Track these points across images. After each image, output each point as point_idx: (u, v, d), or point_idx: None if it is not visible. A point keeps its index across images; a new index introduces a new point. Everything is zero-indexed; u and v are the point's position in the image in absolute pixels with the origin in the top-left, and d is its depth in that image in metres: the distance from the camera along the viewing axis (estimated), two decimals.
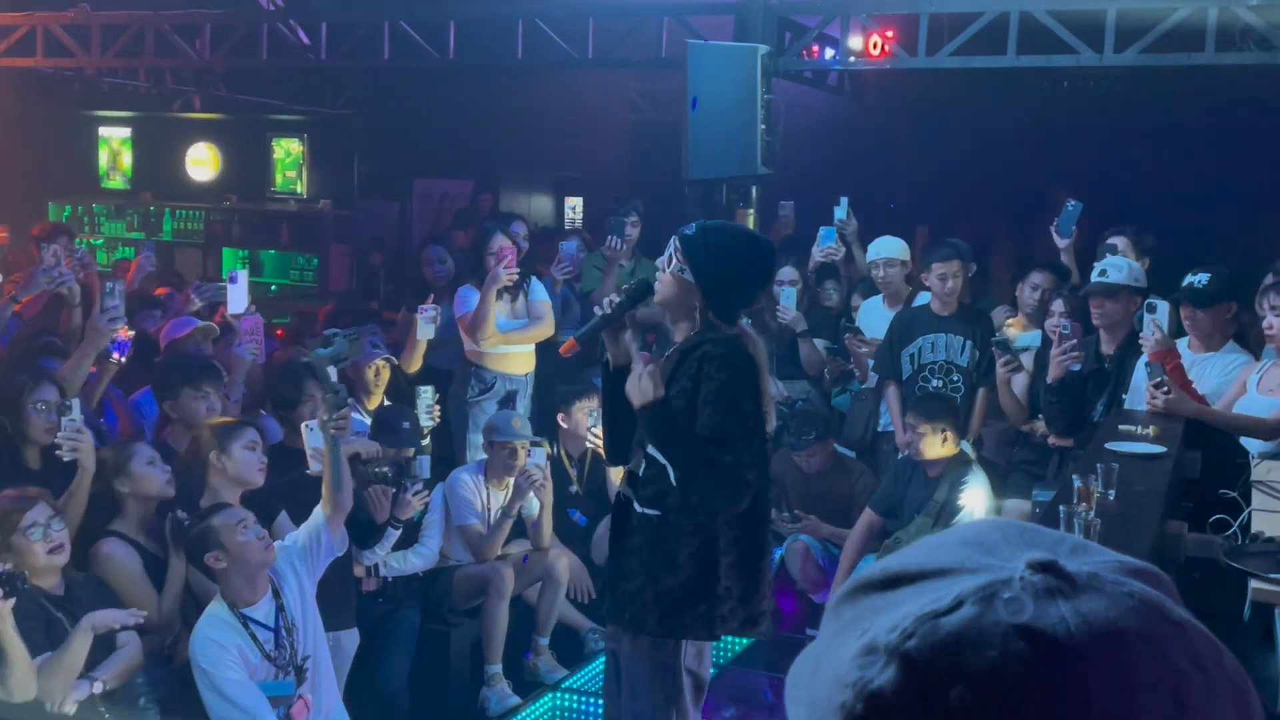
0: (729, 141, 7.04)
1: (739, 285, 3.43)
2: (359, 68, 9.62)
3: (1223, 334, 5.04)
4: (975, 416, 5.94)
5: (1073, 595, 0.68)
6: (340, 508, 4.00)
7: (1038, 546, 0.72)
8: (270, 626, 3.75)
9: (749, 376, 3.35)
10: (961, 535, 0.76)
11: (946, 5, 7.41)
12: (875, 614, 0.72)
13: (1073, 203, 6.11)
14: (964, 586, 0.70)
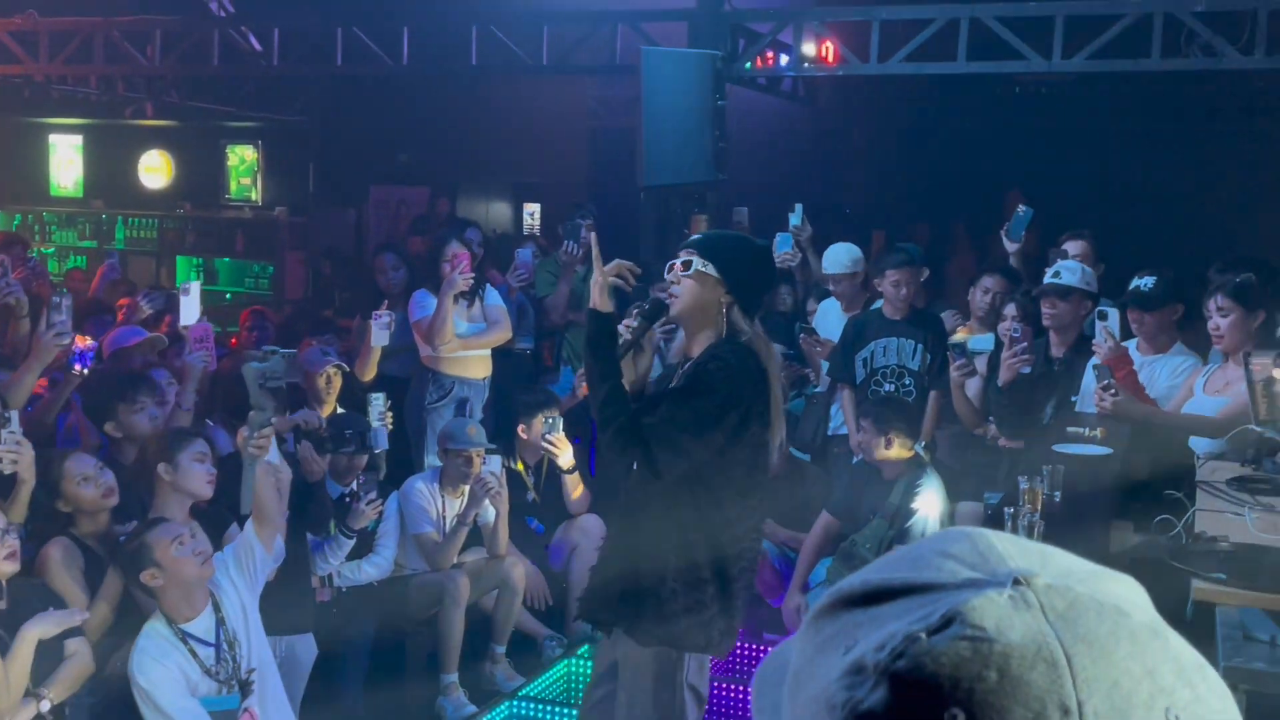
0: (683, 148, 7.06)
1: (758, 278, 3.45)
2: (313, 74, 9.54)
3: (1170, 336, 5.11)
4: (928, 419, 5.98)
5: (1060, 610, 0.67)
6: (268, 523, 3.93)
7: (1017, 558, 0.71)
8: (210, 642, 3.70)
9: (747, 384, 3.27)
10: (939, 547, 0.74)
11: (898, 13, 7.48)
12: (858, 630, 0.71)
13: (1023, 208, 6.18)
14: (951, 602, 0.68)
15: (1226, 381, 4.66)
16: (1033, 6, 6.98)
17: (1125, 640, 0.67)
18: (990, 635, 0.66)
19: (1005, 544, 0.73)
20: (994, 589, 0.68)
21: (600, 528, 5.97)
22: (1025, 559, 0.71)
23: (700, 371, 3.30)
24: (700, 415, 3.21)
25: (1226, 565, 2.83)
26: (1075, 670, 0.65)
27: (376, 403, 5.60)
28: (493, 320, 6.36)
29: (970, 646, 0.66)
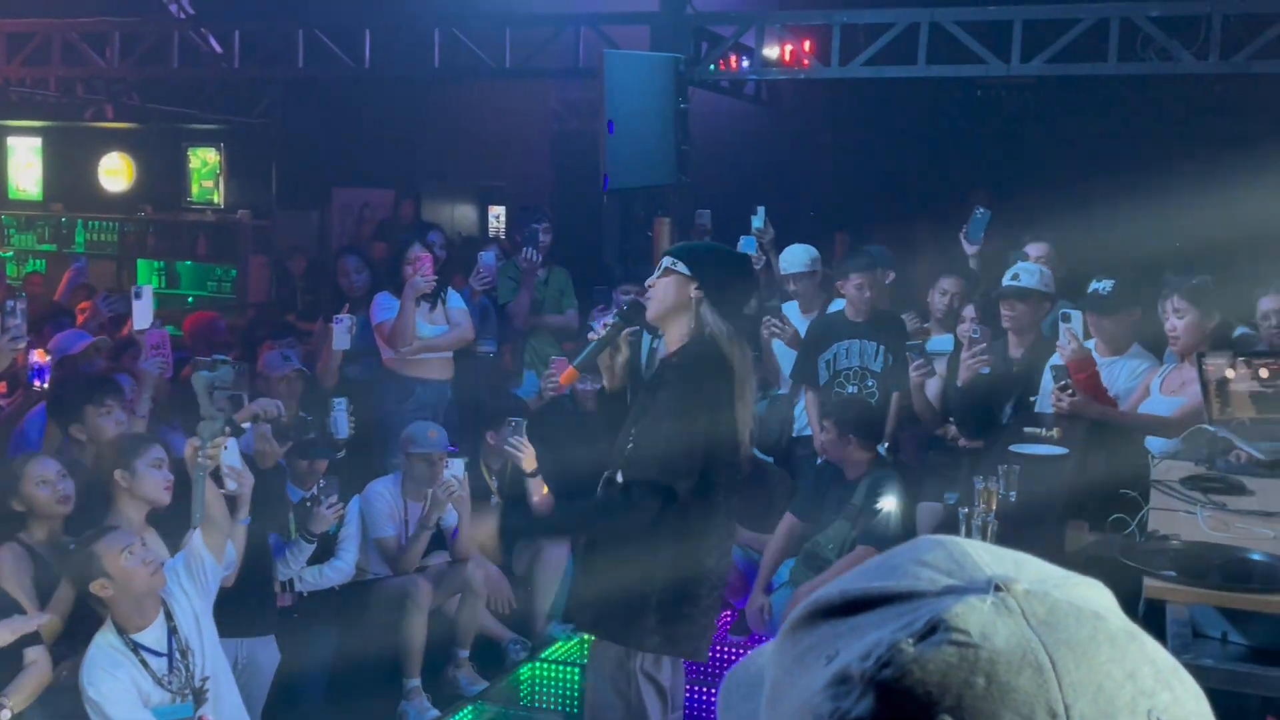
0: (646, 151, 7.07)
1: (730, 275, 3.58)
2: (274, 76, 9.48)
3: (1128, 338, 5.17)
4: (889, 421, 6.02)
5: (1041, 616, 0.67)
6: (215, 531, 3.91)
7: (993, 565, 0.71)
8: (162, 652, 3.66)
9: (709, 385, 3.42)
10: (915, 555, 0.74)
11: (858, 17, 7.52)
12: (839, 640, 0.70)
13: (981, 210, 6.24)
14: (934, 610, 0.68)
15: (1182, 381, 4.72)
16: (992, 11, 7.05)
17: (1106, 644, 0.67)
18: (976, 641, 0.66)
19: (980, 551, 0.73)
20: (975, 595, 0.68)
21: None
22: (1001, 566, 0.71)
23: (659, 383, 3.50)
24: (675, 436, 3.38)
25: (1177, 563, 2.86)
26: (1060, 674, 0.65)
27: (340, 406, 5.58)
28: (455, 323, 6.35)
29: (957, 653, 0.66)
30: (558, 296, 7.09)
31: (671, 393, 3.48)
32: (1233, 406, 4.22)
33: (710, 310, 3.47)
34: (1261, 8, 6.60)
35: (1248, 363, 4.28)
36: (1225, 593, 2.78)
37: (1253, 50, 6.59)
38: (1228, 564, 2.87)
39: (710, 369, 3.45)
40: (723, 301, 3.51)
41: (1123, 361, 5.13)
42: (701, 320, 3.48)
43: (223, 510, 3.95)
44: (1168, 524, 3.36)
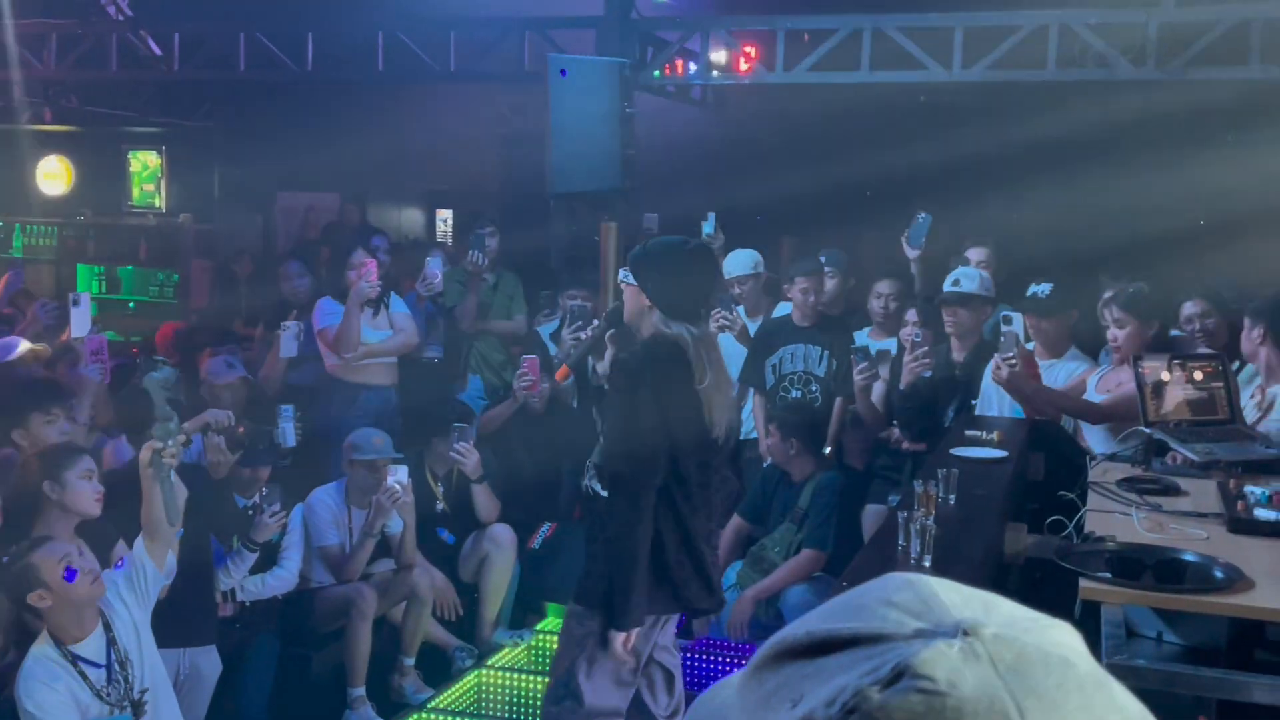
0: (591, 156, 7.07)
1: (671, 281, 3.64)
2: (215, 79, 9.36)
3: (1066, 341, 5.25)
4: (832, 425, 6.06)
5: (1009, 662, 0.66)
6: (160, 537, 3.85)
7: (961, 607, 0.69)
8: (101, 663, 3.61)
9: (649, 376, 3.56)
10: (882, 595, 0.72)
11: (802, 23, 7.57)
12: (805, 682, 0.69)
13: (922, 215, 6.29)
14: (901, 655, 0.66)
15: (1119, 382, 4.80)
16: (934, 18, 7.12)
17: (1074, 692, 0.66)
18: (943, 689, 0.64)
19: (949, 592, 0.72)
20: (943, 640, 0.67)
21: (510, 536, 5.95)
22: (969, 608, 0.70)
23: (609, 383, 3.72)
24: (629, 426, 3.54)
25: (1112, 564, 2.91)
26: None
27: (286, 413, 5.53)
28: (399, 328, 6.31)
29: (924, 700, 0.64)
30: (507, 302, 7.07)
31: (619, 390, 3.65)
32: (1168, 409, 4.30)
33: (661, 315, 3.60)
34: (1196, 17, 6.72)
35: (1183, 365, 4.36)
36: (1158, 593, 2.82)
37: (1188, 58, 6.71)
38: (1161, 565, 2.91)
39: (656, 363, 3.57)
40: (672, 303, 3.61)
41: (1061, 364, 5.21)
42: (655, 326, 3.61)
43: (176, 518, 3.92)
44: (1104, 525, 3.41)
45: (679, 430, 3.56)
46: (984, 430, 4.38)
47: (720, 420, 3.62)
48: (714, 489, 3.76)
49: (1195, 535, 3.32)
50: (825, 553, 5.52)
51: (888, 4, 7.36)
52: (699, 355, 3.58)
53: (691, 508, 3.64)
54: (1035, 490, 4.35)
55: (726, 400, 3.73)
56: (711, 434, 3.61)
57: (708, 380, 3.57)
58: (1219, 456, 4.02)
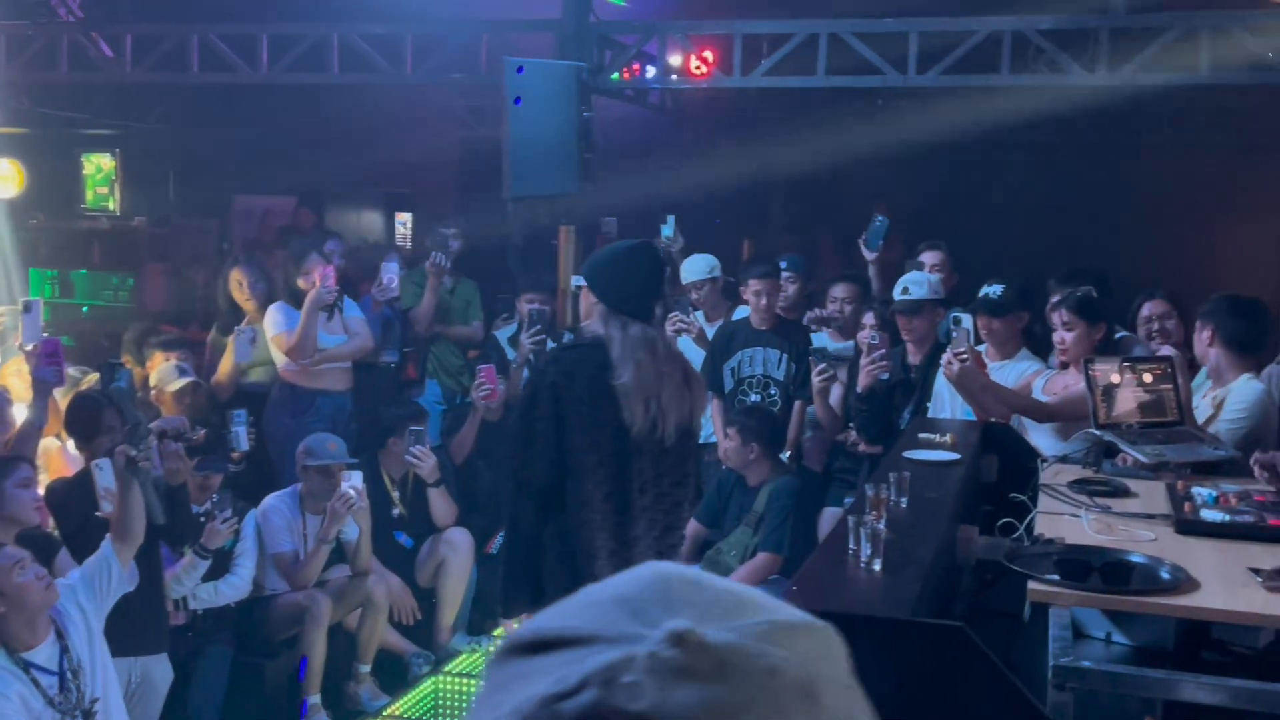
0: (549, 159, 7.05)
1: (616, 282, 3.73)
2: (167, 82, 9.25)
3: (1016, 342, 5.30)
4: (792, 429, 6.07)
5: (705, 675, 0.63)
6: (131, 541, 3.84)
7: (690, 606, 0.66)
8: (54, 670, 3.57)
9: (543, 388, 3.68)
10: (618, 591, 0.69)
11: (758, 27, 7.59)
12: (514, 683, 0.66)
13: (879, 218, 6.32)
14: (593, 663, 0.63)
15: (1065, 385, 4.84)
16: (888, 23, 7.16)
17: (764, 704, 0.63)
18: (621, 704, 0.61)
19: (689, 590, 0.68)
20: (642, 647, 0.63)
21: (468, 541, 5.93)
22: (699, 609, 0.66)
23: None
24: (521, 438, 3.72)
25: (1060, 566, 2.92)
26: None
27: (239, 418, 5.48)
28: (353, 332, 6.26)
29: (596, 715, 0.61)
30: (464, 307, 7.03)
31: (520, 401, 3.90)
32: (1119, 411, 4.34)
33: (608, 316, 3.69)
34: (1145, 23, 6.80)
35: (1133, 368, 4.40)
36: (1105, 595, 2.85)
37: (1138, 64, 6.78)
38: (1108, 566, 2.93)
39: (559, 364, 3.74)
40: (621, 305, 3.69)
41: (1012, 364, 5.25)
42: (594, 323, 3.72)
43: (143, 524, 3.92)
44: (1053, 527, 3.43)
45: (586, 432, 3.64)
46: (937, 433, 4.39)
47: (639, 415, 3.64)
48: (643, 491, 3.74)
49: (1143, 537, 3.35)
50: (781, 556, 5.54)
51: (844, 9, 7.39)
52: (625, 353, 3.63)
53: (586, 518, 3.66)
54: (988, 492, 4.37)
55: (669, 405, 3.71)
56: (631, 431, 3.64)
57: (626, 377, 3.61)
58: (1168, 458, 4.07)
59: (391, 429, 5.88)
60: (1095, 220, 10.60)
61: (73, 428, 4.91)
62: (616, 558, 3.70)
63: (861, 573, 2.71)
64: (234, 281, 6.40)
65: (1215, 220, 10.66)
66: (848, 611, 2.44)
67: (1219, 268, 9.84)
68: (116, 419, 4.79)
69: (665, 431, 3.73)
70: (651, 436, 3.71)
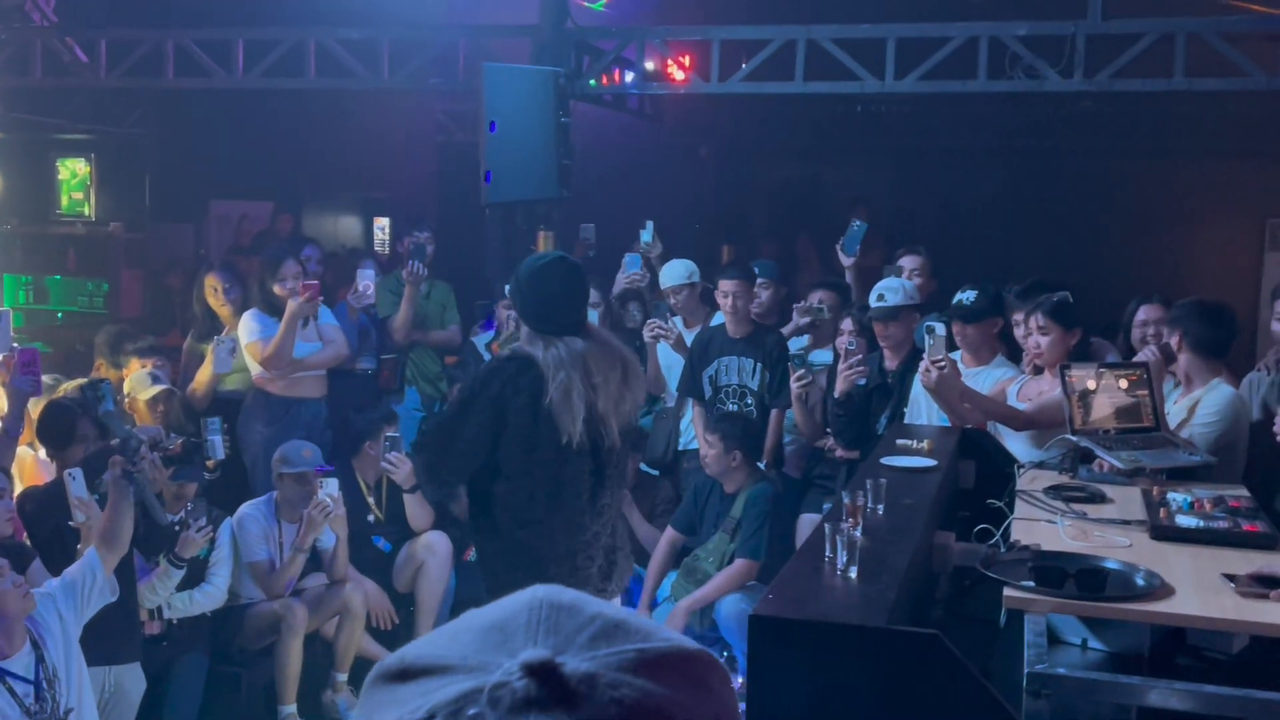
0: (527, 164, 7.04)
1: (537, 300, 3.81)
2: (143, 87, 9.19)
3: (991, 348, 5.31)
4: (770, 436, 6.06)
5: (550, 706, 0.61)
6: (117, 550, 3.84)
7: (556, 635, 0.65)
8: (29, 679, 3.53)
9: (483, 395, 3.77)
10: (492, 618, 0.69)
11: (736, 33, 7.59)
12: (378, 711, 0.65)
13: (857, 223, 6.32)
14: (443, 695, 0.63)
15: (1040, 391, 4.85)
16: (866, 29, 7.17)
17: None
18: None
19: (561, 618, 0.67)
20: (495, 676, 0.63)
21: (446, 544, 5.90)
22: (563, 638, 0.65)
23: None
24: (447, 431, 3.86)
25: (1036, 573, 2.93)
26: None
27: (214, 425, 5.45)
28: (328, 339, 6.22)
29: None
30: (440, 311, 6.99)
31: (455, 400, 4.19)
32: (1095, 417, 4.35)
33: (533, 336, 3.80)
34: (1121, 30, 6.84)
35: (1109, 374, 4.41)
36: (1080, 601, 2.85)
37: (1114, 69, 6.82)
38: (1084, 573, 2.94)
39: (496, 379, 3.79)
40: (541, 325, 3.78)
41: (986, 371, 5.26)
42: (531, 345, 3.81)
43: (128, 526, 3.93)
44: (1029, 534, 3.44)
45: (518, 444, 3.74)
46: (915, 439, 4.40)
47: (574, 431, 3.71)
48: (590, 493, 3.84)
49: (1119, 543, 3.36)
50: (758, 562, 5.53)
51: (822, 14, 7.40)
52: (551, 373, 3.70)
53: (527, 521, 3.79)
54: (965, 498, 4.38)
55: (608, 409, 3.80)
56: (562, 442, 3.71)
57: (555, 397, 3.68)
58: (1144, 464, 4.08)
59: (364, 433, 5.85)
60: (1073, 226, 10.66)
61: (45, 436, 4.86)
62: (567, 561, 3.81)
63: (838, 580, 2.71)
64: (209, 287, 6.36)
65: (1192, 225, 10.74)
66: (823, 619, 2.43)
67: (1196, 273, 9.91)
68: (90, 428, 4.76)
69: (610, 437, 3.84)
70: (594, 443, 3.80)
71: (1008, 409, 4.74)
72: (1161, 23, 6.76)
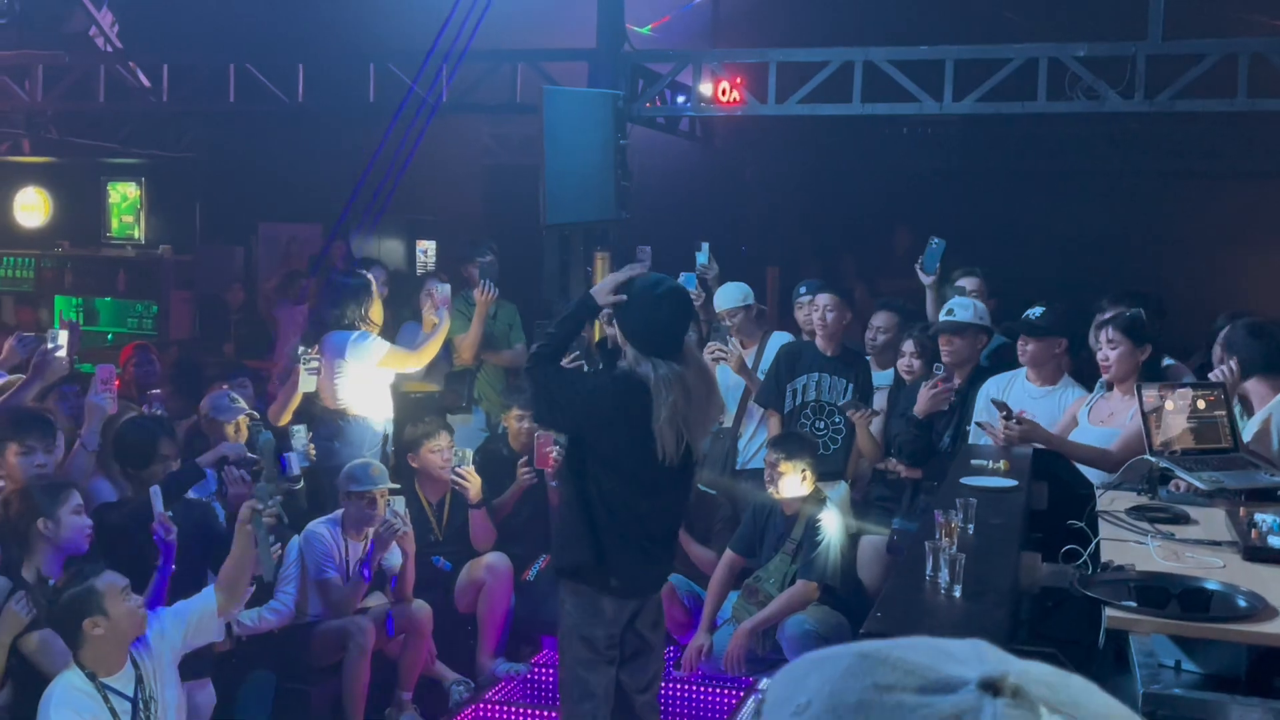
0: (585, 187, 7.08)
1: (646, 324, 3.97)
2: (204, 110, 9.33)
3: (1057, 368, 5.29)
4: (853, 460, 6.06)
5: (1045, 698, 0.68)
6: (236, 595, 3.93)
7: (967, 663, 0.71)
8: (129, 696, 3.57)
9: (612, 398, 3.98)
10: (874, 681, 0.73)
11: (794, 55, 7.62)
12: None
13: (936, 240, 6.26)
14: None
15: (1110, 412, 4.82)
16: (924, 50, 7.18)
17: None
18: None
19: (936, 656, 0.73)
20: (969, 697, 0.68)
21: (507, 565, 5.91)
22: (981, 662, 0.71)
23: None
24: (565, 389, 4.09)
25: (1139, 593, 2.90)
26: None
27: (299, 434, 5.49)
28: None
29: None
30: (505, 331, 7.03)
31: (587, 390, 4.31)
32: (1171, 437, 4.32)
33: (639, 358, 3.97)
34: (1183, 50, 6.82)
35: (1185, 394, 4.38)
36: (1186, 622, 2.82)
37: (1175, 90, 6.80)
38: (1186, 594, 2.91)
39: (617, 396, 4.02)
40: (647, 348, 3.97)
41: (1055, 392, 5.24)
42: (630, 361, 4.01)
43: (249, 574, 4.00)
44: (1119, 554, 3.41)
45: (619, 455, 3.98)
46: (989, 459, 4.38)
47: (670, 450, 3.90)
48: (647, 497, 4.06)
49: (1212, 564, 3.33)
50: (821, 583, 5.51)
51: (878, 35, 7.43)
52: (659, 393, 3.87)
53: (614, 507, 4.02)
54: (1040, 519, 4.35)
55: (695, 426, 4.00)
56: (659, 458, 3.90)
57: (663, 417, 3.86)
58: (1227, 485, 4.04)
59: (409, 446, 5.90)
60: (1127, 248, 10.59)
61: (124, 454, 4.90)
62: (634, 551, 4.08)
63: (942, 598, 2.70)
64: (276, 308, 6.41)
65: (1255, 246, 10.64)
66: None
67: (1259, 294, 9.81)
68: (171, 447, 4.82)
69: (695, 453, 4.09)
70: (684, 459, 4.01)
71: (1097, 453, 4.67)
72: (1224, 43, 6.74)
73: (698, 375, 4.03)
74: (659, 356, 3.93)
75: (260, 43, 8.82)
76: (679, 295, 4.07)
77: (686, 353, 4.04)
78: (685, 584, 6.02)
